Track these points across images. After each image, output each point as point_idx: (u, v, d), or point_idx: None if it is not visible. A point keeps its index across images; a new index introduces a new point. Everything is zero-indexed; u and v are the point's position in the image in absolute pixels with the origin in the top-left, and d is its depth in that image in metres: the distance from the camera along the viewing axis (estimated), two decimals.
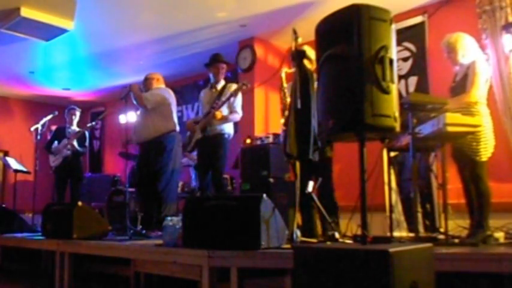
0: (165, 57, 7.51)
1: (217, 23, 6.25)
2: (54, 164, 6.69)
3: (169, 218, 3.49)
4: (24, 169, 6.86)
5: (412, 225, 3.75)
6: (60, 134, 6.84)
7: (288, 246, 2.96)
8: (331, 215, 3.74)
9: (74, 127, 6.95)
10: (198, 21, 6.20)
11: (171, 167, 4.98)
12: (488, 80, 3.65)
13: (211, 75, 5.18)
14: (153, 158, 4.90)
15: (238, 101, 4.91)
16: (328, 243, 3.12)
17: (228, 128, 4.91)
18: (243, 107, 5.09)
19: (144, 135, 4.96)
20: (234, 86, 4.94)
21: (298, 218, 3.33)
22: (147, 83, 5.18)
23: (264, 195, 3.00)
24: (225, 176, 6.20)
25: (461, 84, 3.60)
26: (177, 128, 5.14)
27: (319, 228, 3.76)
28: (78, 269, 4.25)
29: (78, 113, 7.04)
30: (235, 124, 5.23)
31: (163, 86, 5.30)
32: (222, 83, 5.08)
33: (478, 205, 3.50)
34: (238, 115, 4.93)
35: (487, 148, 3.48)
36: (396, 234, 3.73)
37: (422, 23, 5.64)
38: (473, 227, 3.46)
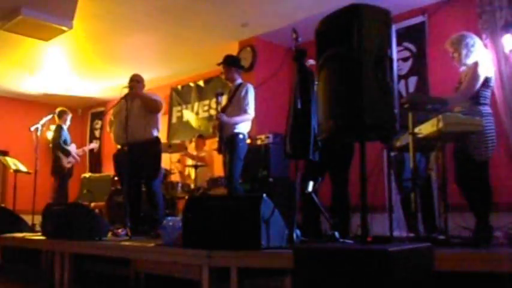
0: (165, 57, 7.52)
1: (218, 23, 6.25)
2: (69, 165, 6.96)
3: (169, 218, 3.49)
4: (24, 169, 6.86)
5: (412, 225, 3.75)
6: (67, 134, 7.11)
7: (288, 246, 2.96)
8: (339, 213, 3.73)
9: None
10: (198, 21, 6.20)
11: (160, 169, 5.07)
12: (491, 80, 3.64)
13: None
14: (145, 160, 4.90)
15: (249, 101, 4.75)
16: (328, 243, 3.12)
17: (242, 128, 4.76)
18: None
19: (136, 136, 4.88)
20: (246, 86, 4.81)
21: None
22: (140, 86, 5.13)
23: (264, 195, 3.00)
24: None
25: None
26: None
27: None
28: (78, 269, 4.25)
29: (69, 117, 7.23)
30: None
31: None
32: (238, 82, 4.91)
33: (478, 205, 3.50)
34: (249, 115, 4.76)
35: (487, 148, 3.48)
36: (396, 234, 3.73)
37: (422, 23, 5.64)
38: (476, 227, 3.46)
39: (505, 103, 4.64)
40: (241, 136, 4.74)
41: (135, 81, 5.08)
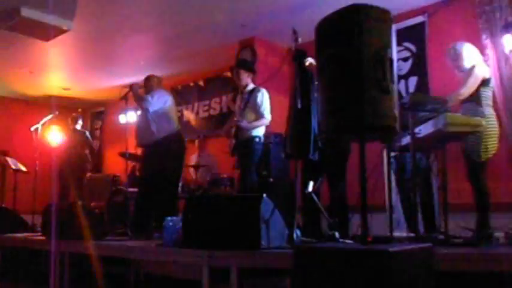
0: (165, 57, 7.51)
1: (218, 23, 6.25)
2: None
3: (169, 218, 3.49)
4: (24, 169, 6.86)
5: (412, 225, 3.75)
6: None
7: (288, 246, 2.96)
8: (337, 213, 3.73)
9: None
10: (198, 21, 6.20)
11: (174, 169, 4.98)
12: (490, 81, 3.64)
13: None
14: (157, 160, 4.89)
15: (265, 105, 4.79)
16: (328, 243, 3.11)
17: (257, 131, 4.79)
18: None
19: (148, 137, 4.94)
20: (261, 91, 4.82)
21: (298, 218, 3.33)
22: (147, 84, 5.17)
23: (264, 195, 3.00)
24: (225, 176, 6.21)
25: None
26: (179, 129, 5.14)
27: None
28: (78, 269, 4.25)
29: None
30: None
31: (162, 87, 5.31)
32: (250, 87, 4.91)
33: (476, 205, 3.50)
34: (265, 120, 4.78)
35: (487, 149, 3.48)
36: (396, 234, 3.73)
37: (422, 23, 5.64)
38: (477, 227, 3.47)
39: (504, 103, 4.64)
40: (257, 139, 4.77)
41: (140, 82, 5.15)
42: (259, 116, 4.77)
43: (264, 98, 4.80)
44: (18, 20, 5.59)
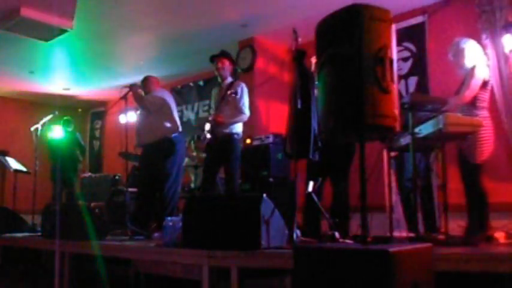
0: (165, 57, 7.51)
1: (218, 23, 6.25)
2: None
3: (169, 218, 3.49)
4: (24, 169, 6.86)
5: (412, 225, 3.75)
6: None
7: (288, 246, 2.96)
8: (338, 213, 3.73)
9: None
10: (198, 21, 6.20)
11: (175, 169, 4.98)
12: (488, 83, 3.64)
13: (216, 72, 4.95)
14: (157, 160, 4.88)
15: (245, 100, 4.69)
16: (328, 243, 3.12)
17: (237, 128, 4.71)
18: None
19: (148, 137, 4.94)
20: (240, 86, 4.72)
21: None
22: (146, 85, 5.17)
23: (264, 195, 3.00)
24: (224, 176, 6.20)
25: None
26: (180, 129, 5.13)
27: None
28: (78, 269, 4.25)
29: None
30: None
31: (162, 88, 5.31)
32: (229, 80, 4.83)
33: (473, 206, 3.49)
34: (245, 115, 4.68)
35: (482, 151, 3.47)
36: (396, 234, 3.73)
37: (422, 23, 5.63)
38: (467, 228, 3.46)
39: (504, 103, 4.63)
40: (236, 136, 4.70)
41: (139, 82, 5.14)
42: (238, 111, 4.65)
43: (243, 93, 4.69)
44: (18, 20, 5.58)
